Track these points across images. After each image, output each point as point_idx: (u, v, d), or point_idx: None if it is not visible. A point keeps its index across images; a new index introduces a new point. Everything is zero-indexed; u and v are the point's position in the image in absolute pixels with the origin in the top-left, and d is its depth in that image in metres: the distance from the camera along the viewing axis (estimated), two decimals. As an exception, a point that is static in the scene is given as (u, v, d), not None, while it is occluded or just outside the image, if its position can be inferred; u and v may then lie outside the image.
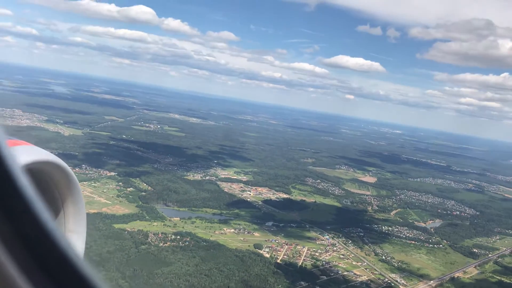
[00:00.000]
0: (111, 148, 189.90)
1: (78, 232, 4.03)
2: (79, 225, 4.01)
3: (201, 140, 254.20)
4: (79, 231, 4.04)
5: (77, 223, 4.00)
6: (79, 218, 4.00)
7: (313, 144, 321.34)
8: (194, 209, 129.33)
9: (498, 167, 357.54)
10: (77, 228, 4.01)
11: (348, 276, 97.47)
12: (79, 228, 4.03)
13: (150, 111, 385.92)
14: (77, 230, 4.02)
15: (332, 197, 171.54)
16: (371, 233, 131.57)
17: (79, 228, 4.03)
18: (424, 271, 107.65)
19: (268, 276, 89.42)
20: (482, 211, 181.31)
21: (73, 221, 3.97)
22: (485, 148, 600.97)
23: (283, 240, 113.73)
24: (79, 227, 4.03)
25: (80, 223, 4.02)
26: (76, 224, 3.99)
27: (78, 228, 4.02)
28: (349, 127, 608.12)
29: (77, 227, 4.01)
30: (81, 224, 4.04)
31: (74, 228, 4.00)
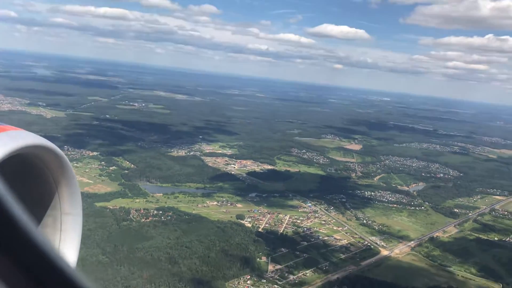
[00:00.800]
0: (94, 128, 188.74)
1: (74, 214, 4.08)
2: (74, 206, 4.06)
3: (187, 117, 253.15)
4: (75, 213, 4.09)
5: (73, 205, 4.04)
6: (74, 200, 4.04)
7: (300, 116, 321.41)
8: (178, 184, 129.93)
9: (485, 129, 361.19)
10: (73, 210, 4.06)
11: (328, 241, 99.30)
12: (75, 210, 4.07)
13: (135, 89, 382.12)
14: (73, 212, 4.06)
15: (317, 166, 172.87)
16: (354, 199, 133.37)
17: (75, 210, 4.07)
18: (404, 232, 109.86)
19: (248, 244, 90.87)
20: (465, 173, 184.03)
21: (68, 203, 4.02)
22: (473, 111, 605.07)
23: (266, 209, 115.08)
24: (75, 209, 4.07)
25: (76, 204, 4.07)
26: (71, 206, 4.04)
27: (74, 210, 4.07)
28: (337, 97, 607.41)
29: (72, 209, 4.05)
30: (77, 206, 4.09)
31: (70, 210, 4.05)
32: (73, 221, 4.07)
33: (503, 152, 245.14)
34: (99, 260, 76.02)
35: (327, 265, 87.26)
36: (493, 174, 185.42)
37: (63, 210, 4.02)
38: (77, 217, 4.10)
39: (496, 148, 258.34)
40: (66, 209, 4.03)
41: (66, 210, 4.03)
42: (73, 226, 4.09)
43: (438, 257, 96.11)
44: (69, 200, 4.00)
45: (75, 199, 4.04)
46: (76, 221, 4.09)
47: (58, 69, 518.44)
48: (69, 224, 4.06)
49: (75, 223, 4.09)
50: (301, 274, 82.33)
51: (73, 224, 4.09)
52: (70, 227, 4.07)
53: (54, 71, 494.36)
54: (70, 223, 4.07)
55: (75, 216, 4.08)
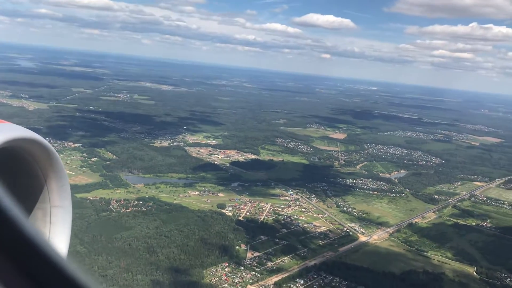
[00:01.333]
0: (76, 120, 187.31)
1: (63, 206, 4.07)
2: (64, 199, 4.05)
3: (171, 107, 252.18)
4: (65, 205, 4.08)
5: (62, 197, 4.04)
6: (63, 192, 4.04)
7: (287, 105, 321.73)
8: (160, 174, 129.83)
9: (469, 116, 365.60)
10: (62, 203, 4.05)
11: (308, 228, 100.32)
12: (64, 202, 4.06)
13: (121, 80, 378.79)
14: (62, 204, 4.05)
15: (300, 155, 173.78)
16: (335, 187, 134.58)
17: (64, 202, 4.06)
18: (383, 219, 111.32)
19: (228, 233, 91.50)
20: (447, 160, 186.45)
21: (57, 196, 4.00)
22: (459, 99, 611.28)
23: (247, 198, 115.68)
24: (64, 201, 4.07)
25: (65, 197, 4.06)
26: (61, 198, 4.03)
27: (63, 203, 4.06)
28: (324, 87, 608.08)
29: (62, 201, 4.05)
30: (66, 198, 4.08)
31: (59, 202, 4.03)
32: (62, 213, 4.07)
33: (485, 139, 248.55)
34: (77, 250, 76.01)
35: (305, 251, 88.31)
36: (475, 161, 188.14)
37: (53, 203, 4.02)
38: (66, 210, 4.11)
39: (479, 135, 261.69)
40: (55, 202, 4.03)
41: (56, 203, 4.03)
42: (62, 219, 4.08)
43: (416, 243, 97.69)
44: (58, 192, 4.00)
45: (64, 191, 4.05)
46: (66, 213, 4.10)
47: (43, 61, 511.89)
48: (59, 216, 4.06)
49: (64, 216, 4.09)
50: (279, 261, 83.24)
51: (63, 217, 4.08)
52: (59, 219, 4.07)
53: (38, 63, 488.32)
54: (60, 216, 4.06)
55: (64, 209, 4.09)
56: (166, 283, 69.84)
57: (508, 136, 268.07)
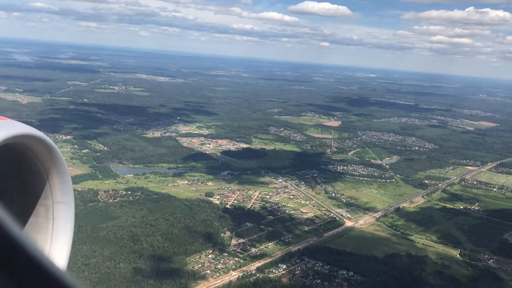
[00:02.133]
0: (69, 113, 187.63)
1: (66, 202, 4.09)
2: (66, 195, 4.07)
3: (166, 98, 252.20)
4: (67, 201, 4.11)
5: (64, 193, 4.05)
6: (66, 188, 4.05)
7: (283, 94, 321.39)
8: (150, 165, 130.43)
9: (466, 102, 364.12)
10: (64, 199, 4.07)
11: (294, 214, 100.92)
12: (66, 198, 4.09)
13: (117, 73, 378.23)
14: (64, 200, 4.08)
15: (293, 143, 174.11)
16: (325, 173, 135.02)
17: (66, 198, 4.09)
18: (371, 204, 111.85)
19: (214, 220, 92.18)
20: (441, 145, 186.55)
21: (59, 192, 4.02)
22: (458, 85, 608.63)
23: (236, 187, 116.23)
24: (67, 197, 4.09)
25: (67, 193, 4.09)
26: (63, 194, 4.05)
27: (66, 198, 4.08)
28: (323, 75, 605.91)
29: (64, 197, 4.07)
30: (68, 194, 4.10)
31: (62, 198, 4.06)
32: (65, 209, 4.11)
33: (481, 124, 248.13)
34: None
35: (290, 237, 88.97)
36: (468, 146, 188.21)
37: (55, 199, 4.03)
38: (69, 205, 4.14)
39: (475, 120, 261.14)
40: (57, 198, 4.04)
41: (58, 199, 4.05)
42: (65, 215, 4.12)
43: (401, 227, 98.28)
44: (60, 189, 4.02)
45: (66, 187, 4.06)
46: (68, 209, 4.14)
47: (39, 55, 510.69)
48: (61, 212, 4.09)
49: (67, 211, 4.13)
50: (263, 247, 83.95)
51: (65, 213, 4.12)
52: (62, 215, 4.11)
53: (35, 57, 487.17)
54: (62, 212, 4.09)
55: (67, 204, 4.11)
56: (148, 270, 70.57)
57: (504, 120, 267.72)
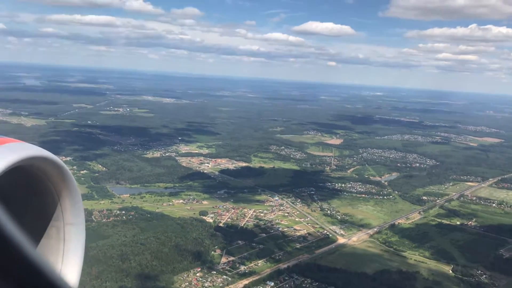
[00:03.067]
0: (71, 135, 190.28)
1: (77, 224, 4.10)
2: (77, 217, 4.09)
3: (170, 119, 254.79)
4: (78, 223, 4.12)
5: (75, 215, 4.07)
6: (77, 210, 4.07)
7: (287, 113, 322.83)
8: (147, 185, 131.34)
9: (472, 118, 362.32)
10: (75, 220, 4.08)
11: (287, 232, 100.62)
12: (77, 220, 4.10)
13: (123, 95, 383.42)
14: (75, 222, 4.09)
15: (293, 162, 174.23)
16: (323, 191, 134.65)
17: (77, 220, 4.10)
18: (366, 221, 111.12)
19: (205, 238, 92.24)
20: (442, 161, 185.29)
21: (71, 214, 4.03)
22: (465, 102, 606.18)
23: (231, 205, 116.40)
24: (77, 219, 4.10)
25: (78, 215, 4.10)
26: (74, 216, 4.06)
27: (77, 220, 4.10)
28: (329, 94, 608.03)
29: (75, 219, 4.08)
30: (79, 216, 4.12)
31: (73, 220, 4.06)
32: (76, 231, 4.11)
33: (485, 140, 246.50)
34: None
35: (280, 254, 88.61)
36: (470, 162, 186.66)
37: (66, 220, 4.06)
38: (80, 227, 4.14)
39: (479, 136, 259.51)
40: (68, 220, 4.05)
41: (69, 221, 4.06)
42: (76, 236, 4.14)
43: (395, 243, 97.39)
44: (71, 210, 4.03)
45: (77, 209, 4.08)
46: (79, 230, 4.15)
47: (48, 79, 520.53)
48: (72, 234, 4.11)
49: (78, 233, 4.14)
50: (253, 264, 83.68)
51: (76, 234, 4.14)
52: (73, 237, 4.12)
53: (44, 81, 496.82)
54: (73, 233, 4.11)
55: (77, 226, 4.12)
56: (133, 288, 70.71)
57: (509, 136, 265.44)
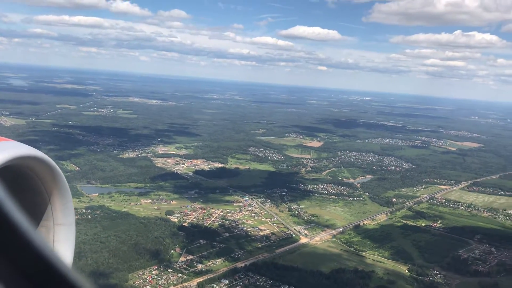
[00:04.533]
0: (49, 135, 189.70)
1: (67, 224, 4.05)
2: (67, 217, 4.04)
3: (152, 120, 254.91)
4: (68, 223, 4.06)
5: (66, 215, 4.01)
6: (67, 210, 4.03)
7: (272, 116, 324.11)
8: (118, 184, 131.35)
9: (455, 123, 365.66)
10: (66, 220, 4.03)
11: (251, 232, 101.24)
12: (68, 220, 4.05)
13: (109, 96, 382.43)
14: (66, 222, 4.03)
15: (269, 163, 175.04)
16: (294, 192, 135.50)
17: (68, 220, 4.05)
18: (332, 221, 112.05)
19: (166, 237, 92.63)
20: (418, 164, 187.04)
21: (61, 214, 3.98)
22: (452, 107, 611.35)
23: (200, 205, 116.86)
24: (68, 219, 4.05)
25: (69, 215, 4.05)
26: (64, 216, 4.00)
27: (67, 220, 4.05)
28: (317, 98, 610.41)
29: (65, 219, 4.03)
30: (70, 216, 4.06)
31: (63, 220, 4.01)
32: (66, 231, 4.05)
33: (465, 145, 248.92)
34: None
35: (240, 253, 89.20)
36: (445, 165, 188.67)
37: (56, 220, 3.99)
38: (70, 227, 4.08)
39: (459, 141, 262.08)
40: (59, 220, 3.99)
41: (59, 221, 4.00)
42: (66, 237, 4.07)
43: (356, 243, 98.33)
44: (62, 210, 3.97)
45: (68, 209, 4.03)
46: (69, 231, 4.09)
47: (36, 80, 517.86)
48: (62, 234, 4.04)
49: (68, 233, 4.08)
50: (211, 263, 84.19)
51: (66, 235, 4.07)
52: (63, 237, 4.06)
53: (31, 81, 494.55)
54: (63, 234, 4.04)
55: (68, 226, 4.06)
56: (85, 285, 70.77)
57: (488, 141, 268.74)
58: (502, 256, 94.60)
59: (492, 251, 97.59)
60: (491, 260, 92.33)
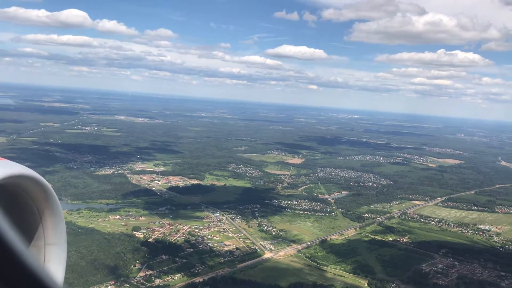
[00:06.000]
0: (27, 152, 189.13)
1: (58, 244, 4.02)
2: (58, 237, 4.02)
3: (134, 138, 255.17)
4: (59, 243, 4.04)
5: (57, 235, 4.00)
6: (59, 230, 4.01)
7: (257, 134, 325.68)
8: (89, 201, 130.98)
9: (440, 141, 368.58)
10: (57, 240, 4.01)
11: (216, 247, 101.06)
12: (59, 240, 4.03)
13: (96, 115, 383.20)
14: (57, 242, 4.01)
15: (247, 179, 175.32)
16: (267, 208, 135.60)
17: (59, 240, 4.03)
18: (299, 236, 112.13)
19: (128, 253, 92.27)
20: (396, 181, 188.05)
21: (52, 234, 3.96)
22: (440, 125, 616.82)
23: (168, 221, 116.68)
24: (59, 239, 4.03)
25: (60, 234, 4.04)
26: (55, 236, 3.99)
27: (58, 240, 4.02)
28: (306, 116, 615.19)
29: (56, 239, 4.00)
30: (61, 236, 4.05)
31: (54, 240, 3.99)
32: (57, 251, 4.03)
33: (445, 161, 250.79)
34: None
35: (201, 268, 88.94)
36: (423, 181, 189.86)
37: (47, 240, 3.95)
38: (61, 247, 4.06)
39: (441, 158, 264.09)
40: (50, 240, 3.96)
41: (50, 241, 3.96)
42: (57, 257, 4.05)
43: (320, 258, 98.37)
44: (53, 230, 3.95)
45: (59, 229, 4.01)
46: (61, 251, 4.07)
47: (24, 98, 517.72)
48: (53, 254, 4.01)
49: (59, 254, 4.06)
50: (169, 278, 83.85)
51: (57, 255, 4.05)
52: (54, 257, 4.03)
53: (19, 100, 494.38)
54: (54, 254, 4.02)
55: (59, 246, 4.03)
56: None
57: (470, 157, 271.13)
58: (464, 270, 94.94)
59: (455, 264, 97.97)
60: (453, 273, 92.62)
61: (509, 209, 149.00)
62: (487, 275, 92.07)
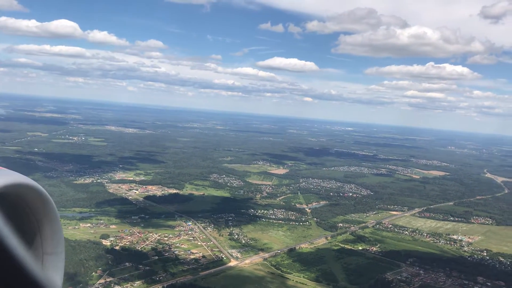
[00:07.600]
0: (8, 161, 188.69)
1: (56, 254, 3.93)
2: (57, 246, 3.92)
3: (120, 148, 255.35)
4: (58, 252, 3.94)
5: (55, 244, 3.90)
6: (57, 239, 3.91)
7: (245, 145, 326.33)
8: (62, 209, 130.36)
9: (429, 153, 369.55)
10: (55, 250, 3.92)
11: (182, 255, 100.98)
12: (57, 250, 3.93)
13: (86, 125, 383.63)
14: (55, 251, 3.92)
15: (227, 189, 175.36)
16: (241, 217, 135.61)
17: (57, 250, 3.93)
18: (269, 245, 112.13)
19: (90, 260, 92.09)
20: (376, 191, 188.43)
21: (50, 243, 3.87)
22: (432, 138, 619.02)
23: (139, 229, 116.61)
24: (57, 248, 3.94)
25: (58, 244, 3.94)
26: (53, 246, 3.90)
27: (56, 250, 3.93)
28: (299, 128, 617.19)
29: (54, 248, 3.91)
30: (59, 245, 3.95)
31: (52, 250, 3.90)
32: (54, 261, 3.92)
33: (430, 173, 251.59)
34: None
35: (162, 276, 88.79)
36: (404, 192, 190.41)
37: (45, 249, 3.88)
38: (59, 257, 3.96)
39: (426, 169, 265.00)
40: (48, 249, 3.88)
41: (48, 250, 3.88)
42: (55, 266, 3.94)
43: (285, 266, 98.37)
44: (51, 239, 3.85)
45: (57, 239, 3.90)
46: (59, 260, 3.96)
47: (16, 108, 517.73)
48: (51, 264, 3.92)
49: (57, 263, 3.95)
50: (129, 285, 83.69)
51: (55, 264, 3.94)
52: (52, 267, 3.93)
53: (11, 110, 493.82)
54: (52, 264, 3.92)
55: (57, 256, 3.93)
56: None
57: (455, 169, 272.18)
58: (427, 278, 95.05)
59: (420, 273, 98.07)
60: (416, 282, 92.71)
61: (484, 219, 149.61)
62: (449, 284, 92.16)
